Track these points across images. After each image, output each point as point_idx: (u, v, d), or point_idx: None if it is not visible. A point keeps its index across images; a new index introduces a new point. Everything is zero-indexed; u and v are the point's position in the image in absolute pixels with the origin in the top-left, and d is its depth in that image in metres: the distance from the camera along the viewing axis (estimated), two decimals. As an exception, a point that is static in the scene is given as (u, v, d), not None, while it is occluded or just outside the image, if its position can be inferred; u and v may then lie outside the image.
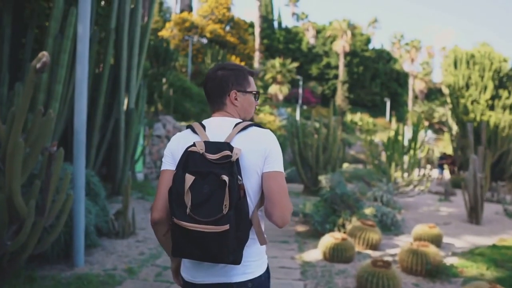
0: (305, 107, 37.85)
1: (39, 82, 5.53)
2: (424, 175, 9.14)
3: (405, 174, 9.90)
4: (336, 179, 5.90)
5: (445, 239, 5.78)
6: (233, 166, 1.30)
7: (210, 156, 1.32)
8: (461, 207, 9.59)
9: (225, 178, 1.27)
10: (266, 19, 51.28)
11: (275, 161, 1.41)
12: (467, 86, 16.81)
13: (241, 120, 1.50)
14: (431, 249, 4.26)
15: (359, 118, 43.70)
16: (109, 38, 7.32)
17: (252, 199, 1.41)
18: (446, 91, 18.05)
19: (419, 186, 9.06)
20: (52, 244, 3.81)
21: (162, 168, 1.49)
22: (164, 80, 16.77)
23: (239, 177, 1.31)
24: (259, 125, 1.48)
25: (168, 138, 14.80)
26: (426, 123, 40.74)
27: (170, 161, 1.47)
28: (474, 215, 7.27)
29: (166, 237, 1.46)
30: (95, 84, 7.41)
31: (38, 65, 3.14)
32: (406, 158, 10.08)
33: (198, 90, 23.98)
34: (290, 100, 39.00)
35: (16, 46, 6.90)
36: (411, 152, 10.12)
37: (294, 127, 11.42)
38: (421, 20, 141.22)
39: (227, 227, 1.26)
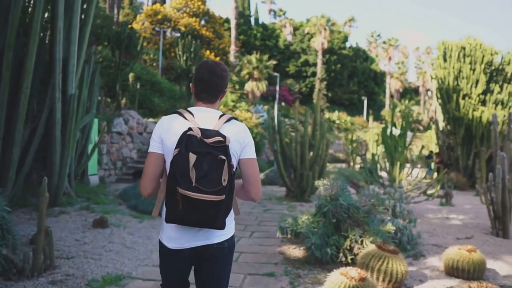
0: (283, 104, 36.48)
1: None
2: (432, 177, 7.75)
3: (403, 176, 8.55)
4: (338, 185, 4.38)
5: (482, 264, 4.33)
6: (227, 149, 1.60)
7: (206, 140, 1.57)
8: (471, 213, 8.30)
9: (223, 157, 1.56)
10: (243, 14, 49.66)
11: (251, 150, 1.76)
12: (457, 80, 15.71)
13: (222, 113, 1.77)
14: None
15: (337, 116, 42.70)
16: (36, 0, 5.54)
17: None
18: (435, 85, 16.92)
19: (428, 190, 7.68)
20: None
21: (150, 150, 1.70)
22: (128, 70, 14.89)
23: (230, 158, 1.61)
24: (236, 118, 1.79)
25: (131, 135, 12.98)
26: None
27: (158, 145, 1.69)
28: (500, 226, 5.91)
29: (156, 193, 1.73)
30: (17, 61, 5.63)
31: None
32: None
33: (169, 85, 22.13)
34: (267, 98, 37.52)
35: None
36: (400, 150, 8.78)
37: (275, 122, 9.86)
38: (393, 23, 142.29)
39: (223, 197, 1.55)
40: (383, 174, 9.57)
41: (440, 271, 4.22)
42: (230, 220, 1.74)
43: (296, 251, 4.80)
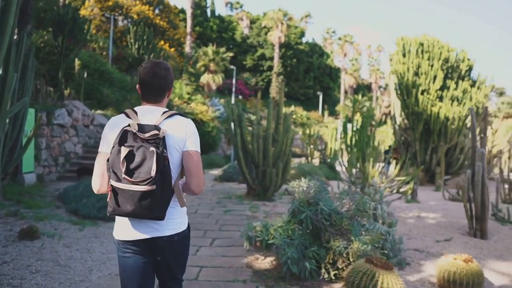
0: (240, 97, 35.79)
1: None
2: (408, 174, 7.37)
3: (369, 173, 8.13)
4: (316, 187, 3.75)
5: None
6: (160, 141, 1.66)
7: (141, 135, 1.65)
8: (439, 210, 8.03)
9: (153, 149, 1.63)
10: (199, 6, 48.23)
11: (194, 143, 1.81)
12: (417, 76, 15.73)
13: (167, 110, 1.85)
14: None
15: (293, 111, 42.63)
16: None
17: (174, 170, 1.78)
18: (393, 80, 16.88)
19: (402, 188, 7.29)
20: None
21: (99, 150, 1.78)
22: (72, 56, 13.49)
23: (164, 150, 1.68)
24: (183, 114, 1.87)
25: (75, 128, 11.73)
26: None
27: (106, 144, 1.76)
28: (478, 226, 5.57)
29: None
30: None
31: None
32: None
33: (120, 75, 20.69)
34: (223, 91, 36.63)
35: None
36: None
37: (235, 115, 9.12)
38: (346, 20, 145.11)
39: (154, 187, 1.61)
40: (341, 169, 9.14)
41: (432, 283, 3.71)
42: (179, 215, 1.83)
43: (266, 263, 4.12)
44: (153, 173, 1.59)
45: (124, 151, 1.60)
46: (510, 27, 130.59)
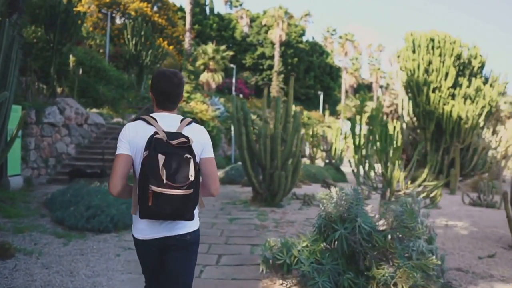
0: (241, 96, 35.08)
1: None
2: (436, 179, 6.65)
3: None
4: (350, 198, 3.02)
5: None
6: (191, 148, 1.77)
7: (172, 142, 1.75)
8: (465, 217, 7.30)
9: (189, 156, 1.74)
10: (198, 3, 47.41)
11: (210, 150, 1.96)
12: (427, 73, 15.00)
13: (183, 117, 1.95)
14: None
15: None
16: None
17: None
18: (401, 77, 16.15)
19: (430, 194, 6.58)
20: None
21: (118, 152, 1.83)
22: (65, 50, 12.74)
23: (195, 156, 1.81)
24: (197, 121, 1.98)
25: (68, 127, 10.97)
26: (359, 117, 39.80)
27: (126, 147, 1.84)
28: (524, 240, 4.86)
29: (127, 195, 1.89)
30: None
31: None
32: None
33: (117, 73, 19.95)
34: (222, 90, 35.88)
35: None
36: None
37: (240, 113, 8.39)
38: (344, 19, 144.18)
39: (191, 191, 1.72)
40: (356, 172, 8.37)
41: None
42: (195, 214, 1.89)
43: (286, 290, 3.39)
44: (191, 178, 1.70)
45: (161, 158, 1.68)
46: (510, 27, 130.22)
